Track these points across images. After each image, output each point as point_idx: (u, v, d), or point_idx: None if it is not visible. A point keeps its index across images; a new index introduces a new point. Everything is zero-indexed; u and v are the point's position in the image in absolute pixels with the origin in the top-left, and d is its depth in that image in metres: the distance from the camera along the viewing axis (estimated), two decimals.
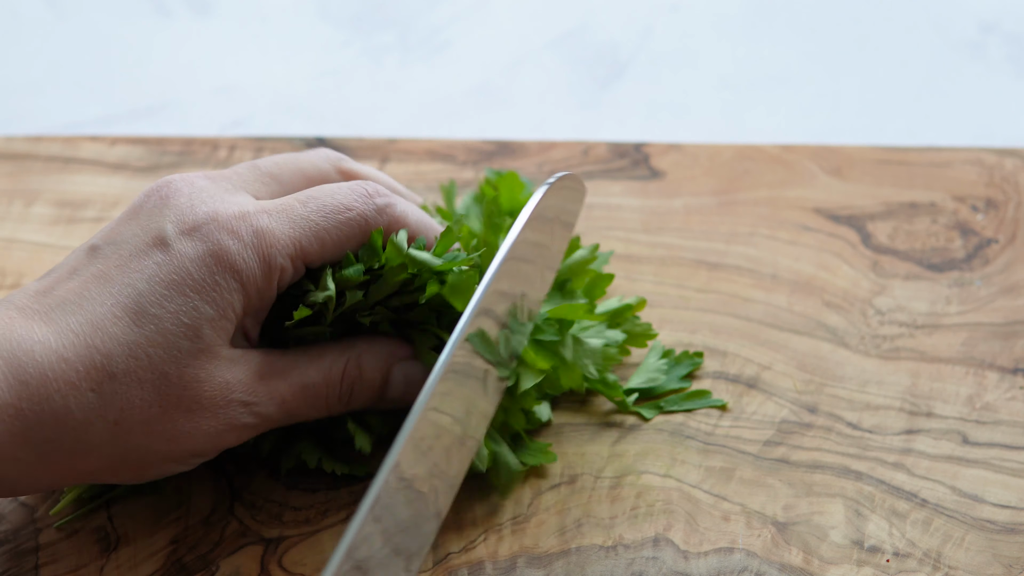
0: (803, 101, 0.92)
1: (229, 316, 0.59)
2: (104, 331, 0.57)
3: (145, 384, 0.57)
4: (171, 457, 0.60)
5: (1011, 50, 0.95)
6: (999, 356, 0.70)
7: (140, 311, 0.58)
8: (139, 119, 0.91)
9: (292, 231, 0.61)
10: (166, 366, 0.58)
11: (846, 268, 0.75)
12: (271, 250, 0.60)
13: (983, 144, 0.83)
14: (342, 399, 0.63)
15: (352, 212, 0.62)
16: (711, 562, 0.62)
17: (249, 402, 0.60)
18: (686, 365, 0.69)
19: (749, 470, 0.65)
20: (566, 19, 0.99)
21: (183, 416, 0.58)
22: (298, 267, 0.61)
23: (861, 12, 0.99)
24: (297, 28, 0.99)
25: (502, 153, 0.82)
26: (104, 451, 0.58)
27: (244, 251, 0.59)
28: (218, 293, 0.59)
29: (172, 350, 0.58)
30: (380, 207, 0.63)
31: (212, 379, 0.59)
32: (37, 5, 1.00)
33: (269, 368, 0.61)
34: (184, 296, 0.58)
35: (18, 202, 0.80)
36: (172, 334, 0.58)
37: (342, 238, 0.62)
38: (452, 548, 0.63)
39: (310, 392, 0.62)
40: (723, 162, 0.81)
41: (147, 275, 0.58)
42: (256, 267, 0.60)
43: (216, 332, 0.59)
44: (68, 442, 0.57)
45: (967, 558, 0.62)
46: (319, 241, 0.61)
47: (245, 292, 0.60)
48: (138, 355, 0.57)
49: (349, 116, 0.92)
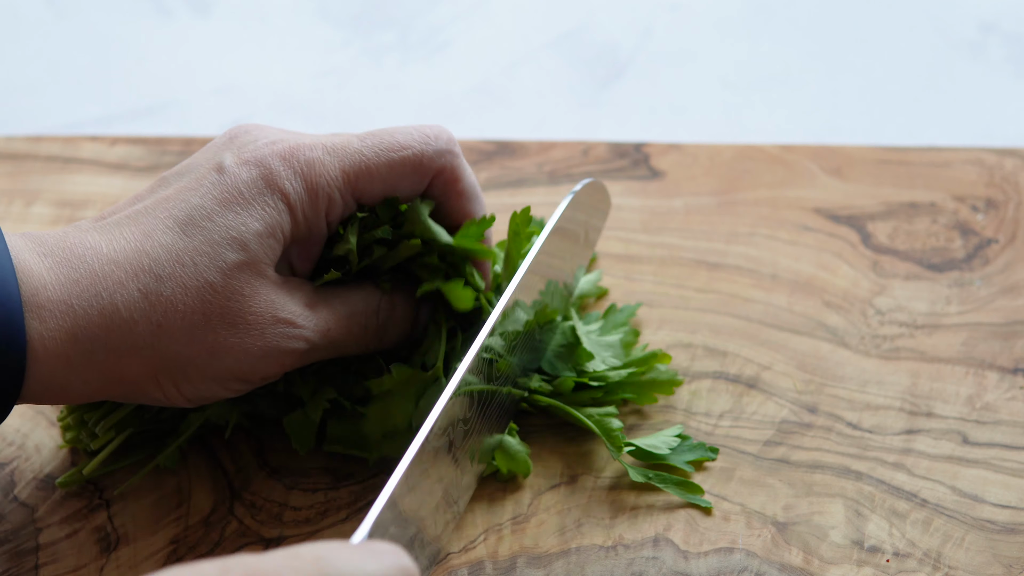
0: (803, 101, 0.92)
1: (277, 236, 0.61)
2: (154, 238, 0.59)
3: (190, 290, 0.59)
4: (211, 374, 0.60)
5: (1011, 50, 0.95)
6: (999, 356, 0.70)
7: (190, 222, 0.60)
8: (139, 119, 0.91)
9: (343, 164, 0.62)
10: (211, 275, 0.59)
11: (846, 268, 0.75)
12: (319, 179, 0.62)
13: (983, 144, 0.83)
14: (379, 333, 0.64)
15: (408, 151, 0.63)
16: (711, 562, 0.62)
17: (296, 324, 0.61)
18: (696, 452, 0.66)
19: (749, 470, 0.65)
20: (566, 19, 0.99)
21: (226, 329, 0.60)
22: (347, 200, 0.63)
23: (861, 12, 0.99)
24: (297, 28, 0.99)
25: (502, 153, 0.82)
26: (146, 354, 0.59)
27: (293, 178, 0.61)
28: (266, 212, 0.61)
29: (218, 260, 0.59)
30: (440, 150, 0.64)
31: (257, 295, 0.60)
32: (37, 5, 1.00)
33: (313, 296, 0.62)
34: (233, 212, 0.60)
35: (18, 202, 0.80)
36: (219, 244, 0.60)
37: (394, 175, 0.63)
38: (452, 548, 0.63)
39: (353, 321, 0.63)
40: (723, 162, 0.81)
41: (201, 192, 0.61)
42: (303, 193, 0.61)
43: (263, 248, 0.60)
44: (114, 340, 0.58)
45: (967, 558, 0.62)
46: (369, 176, 0.63)
47: (293, 216, 0.61)
48: (184, 261, 0.59)
49: (349, 116, 0.92)
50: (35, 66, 0.96)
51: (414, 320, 0.66)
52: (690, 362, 0.70)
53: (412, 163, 0.63)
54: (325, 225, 0.63)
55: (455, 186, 0.65)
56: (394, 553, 0.48)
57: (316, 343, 0.62)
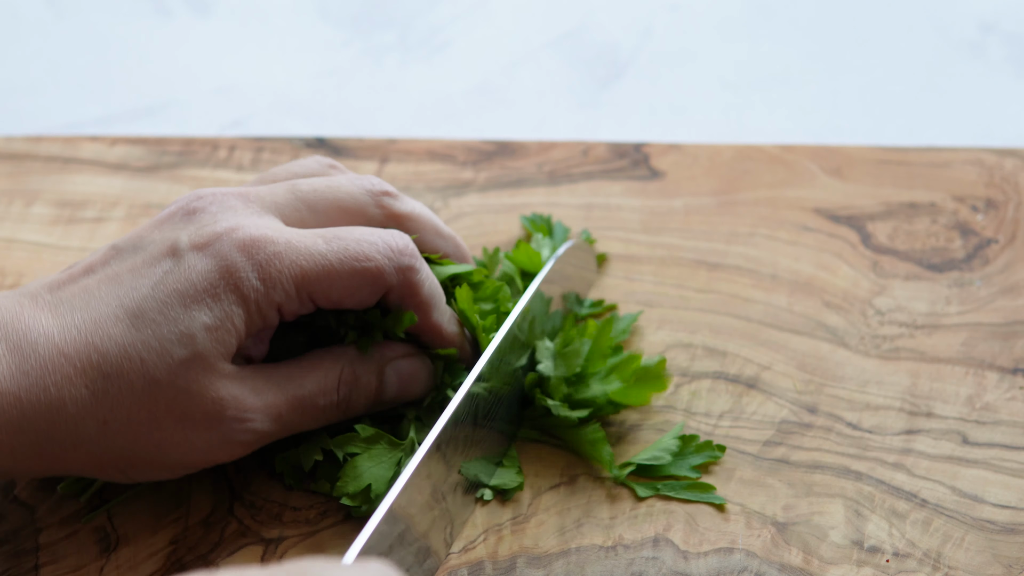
0: (803, 101, 0.92)
1: (228, 330, 0.59)
2: (104, 330, 0.58)
3: (136, 387, 0.58)
4: (158, 465, 0.60)
5: (1011, 50, 0.95)
6: (999, 356, 0.70)
7: (140, 315, 0.58)
8: (139, 119, 0.91)
9: (304, 265, 0.61)
10: (158, 372, 0.58)
11: (846, 268, 0.75)
12: (279, 277, 0.60)
13: (983, 144, 0.83)
14: (340, 407, 0.63)
15: (371, 264, 0.62)
16: (711, 562, 0.62)
17: (244, 418, 0.60)
18: (703, 455, 0.66)
19: (749, 470, 0.65)
20: (566, 19, 0.99)
21: (173, 426, 0.59)
22: (304, 301, 0.61)
23: (861, 12, 0.99)
24: (297, 28, 0.99)
25: (502, 153, 0.82)
26: (92, 448, 0.59)
27: (250, 272, 0.60)
28: (219, 307, 0.59)
29: (165, 356, 0.58)
30: (401, 267, 0.62)
31: (205, 392, 0.59)
32: (37, 5, 1.00)
33: (265, 382, 0.61)
34: (184, 305, 0.59)
35: (18, 202, 0.80)
36: (167, 340, 0.58)
37: (354, 284, 0.62)
38: (452, 548, 0.62)
39: (306, 403, 0.62)
40: (723, 162, 0.81)
41: (154, 281, 0.59)
42: (260, 288, 0.60)
43: (213, 343, 0.59)
44: (60, 434, 0.58)
45: (967, 558, 0.62)
46: (328, 282, 0.61)
47: (247, 309, 0.60)
48: (132, 357, 0.58)
49: (349, 116, 0.92)
50: (35, 66, 0.96)
51: (379, 389, 0.64)
52: (690, 362, 0.70)
53: (373, 275, 0.62)
54: (278, 319, 0.61)
55: (413, 299, 0.63)
56: (383, 571, 0.48)
57: (266, 431, 0.61)
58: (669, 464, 0.65)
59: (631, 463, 0.65)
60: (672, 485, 0.64)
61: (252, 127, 0.90)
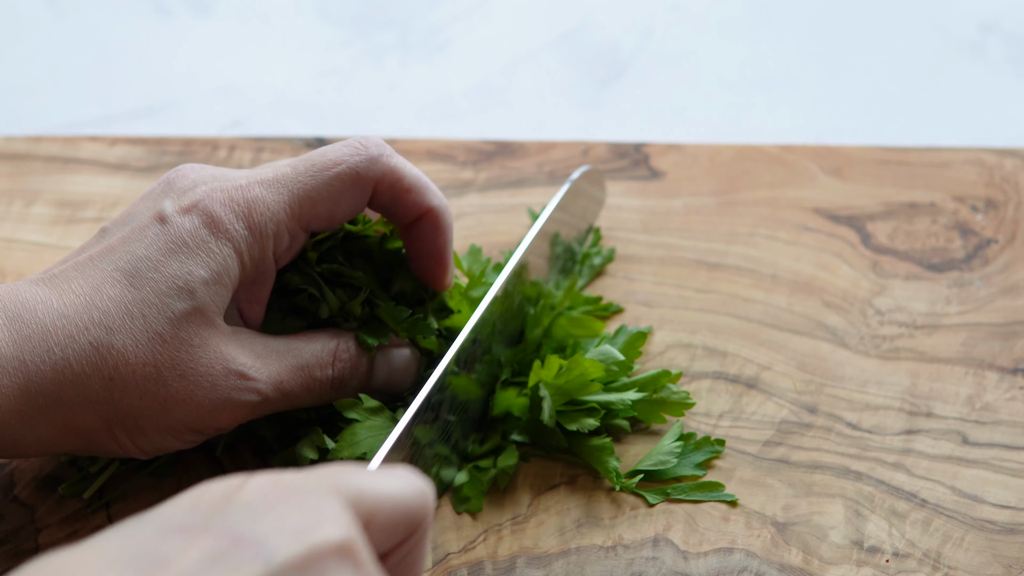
0: (803, 101, 0.92)
1: (224, 282, 0.60)
2: (102, 291, 0.59)
3: (140, 342, 0.59)
4: (165, 426, 0.60)
5: (1011, 50, 0.95)
6: (999, 356, 0.70)
7: (136, 273, 0.60)
8: (139, 119, 0.91)
9: (283, 197, 0.62)
10: (160, 326, 0.59)
11: (846, 268, 0.75)
12: (262, 219, 0.61)
13: (983, 144, 0.83)
14: (334, 384, 0.64)
15: (342, 166, 0.63)
16: (711, 562, 0.62)
17: (248, 376, 0.61)
18: (705, 452, 0.66)
19: (749, 470, 0.65)
20: (566, 19, 0.99)
21: (177, 381, 0.59)
22: (294, 231, 0.62)
23: (861, 12, 0.99)
24: (297, 28, 0.99)
25: (502, 153, 0.82)
26: (99, 407, 0.59)
27: (235, 221, 0.61)
28: (212, 258, 0.60)
29: (166, 310, 0.59)
30: (373, 156, 0.63)
31: (207, 345, 0.60)
32: (37, 5, 1.00)
33: (265, 348, 0.62)
34: (179, 261, 0.60)
35: (18, 202, 0.80)
36: (166, 295, 0.59)
37: (334, 194, 0.63)
38: (452, 548, 0.63)
39: (304, 372, 0.63)
40: (723, 162, 0.81)
41: (146, 243, 0.60)
42: (247, 235, 0.61)
43: (211, 296, 0.60)
44: (67, 395, 0.58)
45: (967, 558, 0.62)
46: (311, 202, 0.62)
47: (240, 260, 0.61)
48: (133, 313, 0.59)
49: (349, 116, 0.92)
50: (35, 66, 0.96)
51: (370, 372, 0.65)
52: (690, 362, 0.70)
53: (350, 177, 0.62)
54: (273, 263, 0.62)
55: (400, 184, 0.64)
56: (409, 474, 0.49)
57: (269, 395, 0.61)
58: (675, 466, 0.65)
59: (638, 471, 0.65)
60: (681, 488, 0.64)
61: (252, 127, 0.90)
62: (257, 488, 0.45)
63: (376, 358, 0.65)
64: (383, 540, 0.47)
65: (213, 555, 0.42)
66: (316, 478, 0.46)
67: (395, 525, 0.47)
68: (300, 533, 0.44)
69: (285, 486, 0.45)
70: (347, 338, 0.64)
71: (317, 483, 0.46)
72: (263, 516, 0.44)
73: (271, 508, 0.44)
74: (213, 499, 0.44)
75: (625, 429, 0.67)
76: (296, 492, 0.45)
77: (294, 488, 0.45)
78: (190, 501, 0.45)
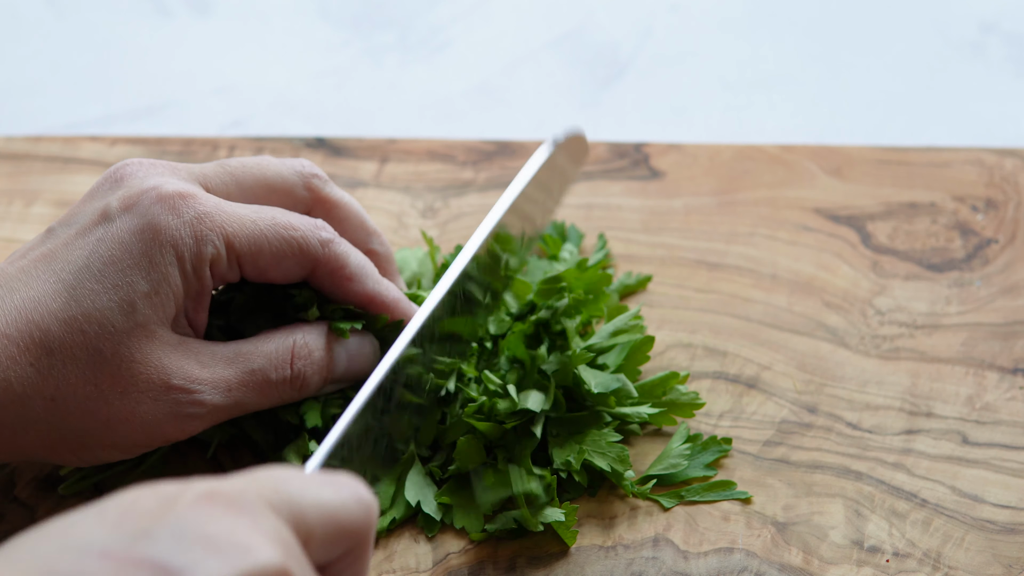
0: (803, 101, 0.92)
1: (165, 293, 0.59)
2: (44, 307, 0.58)
3: (80, 361, 0.58)
4: (109, 443, 0.60)
5: (1011, 50, 0.95)
6: (999, 356, 0.70)
7: (77, 286, 0.59)
8: (139, 119, 0.91)
9: (233, 226, 0.61)
10: (100, 342, 0.58)
11: (846, 268, 0.75)
12: (208, 234, 0.60)
13: (983, 144, 0.83)
14: (294, 383, 0.63)
15: (296, 232, 0.62)
16: (711, 562, 0.62)
17: (190, 390, 0.60)
18: (712, 452, 0.65)
19: (749, 470, 0.65)
20: (566, 19, 0.99)
21: (119, 398, 0.58)
22: (232, 264, 0.61)
23: (861, 12, 0.99)
24: (297, 28, 0.99)
25: (502, 153, 0.82)
26: (42, 429, 0.58)
27: (182, 228, 0.60)
28: (154, 269, 0.59)
29: (107, 325, 0.58)
30: (324, 240, 0.63)
31: (147, 360, 0.59)
32: (37, 5, 1.00)
33: (212, 356, 0.61)
34: (120, 271, 0.59)
35: (18, 202, 0.80)
36: (107, 309, 0.58)
37: (280, 252, 0.62)
38: (452, 548, 0.62)
39: (258, 377, 0.61)
40: (723, 162, 0.81)
41: (88, 250, 0.59)
42: (192, 244, 0.60)
43: (152, 309, 0.59)
44: (8, 417, 0.58)
45: (967, 558, 0.62)
46: (256, 246, 0.61)
47: (183, 271, 0.60)
48: (74, 330, 0.58)
49: (349, 116, 0.92)
50: (35, 66, 0.96)
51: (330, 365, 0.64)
52: (690, 362, 0.70)
53: (299, 243, 0.62)
54: (211, 280, 0.61)
55: (343, 272, 0.64)
56: (352, 485, 0.47)
57: (216, 404, 0.60)
58: (686, 468, 0.65)
59: (650, 476, 0.65)
60: (695, 489, 0.64)
61: (252, 127, 0.90)
62: (191, 503, 0.43)
63: (336, 349, 0.64)
64: (323, 553, 0.46)
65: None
66: (256, 488, 0.45)
67: (336, 539, 0.46)
68: (231, 561, 0.42)
69: (221, 499, 0.43)
70: (304, 331, 0.63)
71: (257, 494, 0.44)
72: (193, 541, 0.42)
73: (203, 528, 0.42)
74: (143, 515, 0.43)
75: (636, 432, 0.67)
76: (232, 505, 0.43)
77: (230, 500, 0.44)
78: (118, 514, 0.43)
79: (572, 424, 0.65)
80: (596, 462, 0.63)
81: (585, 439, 0.64)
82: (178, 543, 0.42)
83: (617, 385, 0.65)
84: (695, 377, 0.69)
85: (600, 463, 0.63)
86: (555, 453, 0.64)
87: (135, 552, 0.41)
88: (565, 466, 0.63)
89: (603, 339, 0.67)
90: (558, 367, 0.65)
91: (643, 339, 0.67)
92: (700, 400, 0.66)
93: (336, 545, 0.46)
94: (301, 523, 0.45)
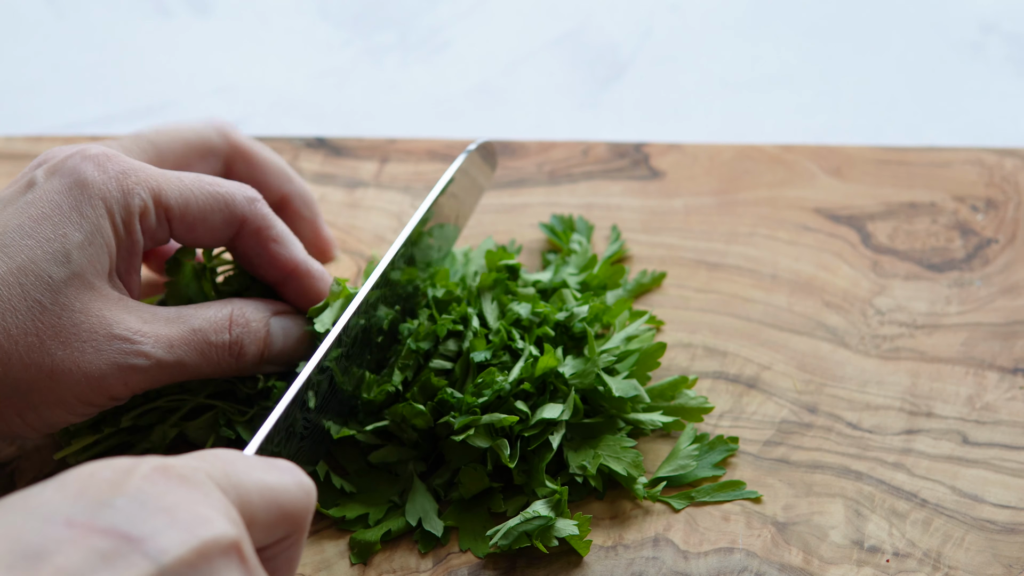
0: (803, 101, 0.92)
1: (99, 244, 0.60)
2: None
3: (20, 312, 0.58)
4: (54, 398, 0.60)
5: (1011, 50, 0.95)
6: (999, 356, 0.70)
7: (10, 244, 0.59)
8: (139, 119, 0.91)
9: (160, 181, 0.62)
10: (39, 293, 0.59)
11: (846, 268, 0.75)
12: (136, 188, 0.61)
13: (983, 144, 0.83)
14: (233, 350, 0.63)
15: (223, 189, 0.63)
16: (711, 562, 0.62)
17: (134, 340, 0.60)
18: (720, 451, 0.66)
19: (749, 470, 0.65)
20: (566, 19, 0.99)
21: (60, 348, 0.59)
22: (161, 221, 0.62)
23: (861, 12, 0.99)
24: (297, 28, 0.99)
25: (502, 153, 0.82)
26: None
27: (108, 182, 0.61)
28: (85, 220, 0.60)
29: (43, 276, 0.59)
30: (249, 197, 0.64)
31: (88, 309, 0.59)
32: (37, 5, 1.00)
33: (153, 315, 0.62)
34: (52, 226, 0.60)
35: None
36: (42, 260, 0.59)
37: (207, 207, 0.63)
38: (452, 548, 0.63)
39: (199, 337, 0.62)
40: (723, 162, 0.81)
41: (17, 214, 0.60)
42: (119, 196, 0.61)
43: (87, 259, 0.60)
44: None
45: (967, 558, 0.62)
46: (184, 203, 0.62)
47: (112, 221, 0.61)
48: (11, 284, 0.59)
49: (349, 116, 0.92)
50: (35, 66, 0.96)
51: (267, 339, 0.65)
52: (690, 362, 0.70)
53: (225, 200, 0.63)
54: (141, 236, 0.62)
55: (269, 232, 0.64)
56: (293, 470, 0.49)
57: (160, 359, 0.61)
58: (695, 470, 0.65)
59: (660, 478, 0.65)
60: (705, 490, 0.64)
61: (252, 127, 0.90)
62: (146, 475, 0.45)
63: (272, 325, 0.64)
64: (263, 536, 0.48)
65: (101, 554, 0.42)
66: (206, 468, 0.47)
67: (277, 523, 0.48)
68: (189, 530, 0.44)
69: (174, 475, 0.45)
70: (242, 303, 0.64)
71: (207, 473, 0.46)
72: (152, 511, 0.44)
73: (160, 499, 0.44)
74: (101, 486, 0.44)
75: (645, 432, 0.66)
76: (184, 482, 0.45)
77: (183, 478, 0.46)
78: (78, 486, 0.44)
79: (588, 429, 0.65)
80: (612, 467, 0.64)
81: (600, 444, 0.64)
82: (138, 512, 0.44)
83: (635, 392, 0.65)
84: (695, 378, 0.69)
85: (616, 468, 0.64)
86: (570, 457, 0.64)
87: (98, 521, 0.43)
88: (580, 470, 0.64)
89: (618, 345, 0.67)
90: (579, 372, 0.65)
91: (655, 346, 0.67)
92: (709, 404, 0.66)
93: (276, 528, 0.48)
94: (246, 505, 0.47)
